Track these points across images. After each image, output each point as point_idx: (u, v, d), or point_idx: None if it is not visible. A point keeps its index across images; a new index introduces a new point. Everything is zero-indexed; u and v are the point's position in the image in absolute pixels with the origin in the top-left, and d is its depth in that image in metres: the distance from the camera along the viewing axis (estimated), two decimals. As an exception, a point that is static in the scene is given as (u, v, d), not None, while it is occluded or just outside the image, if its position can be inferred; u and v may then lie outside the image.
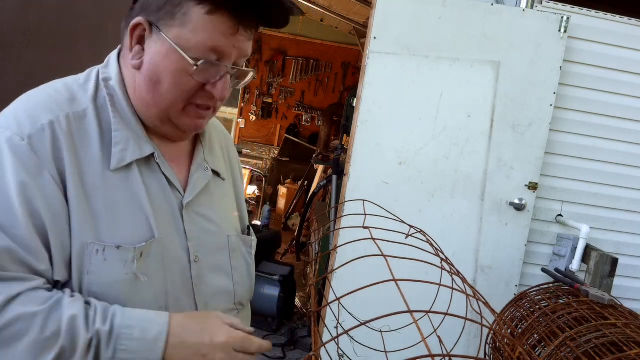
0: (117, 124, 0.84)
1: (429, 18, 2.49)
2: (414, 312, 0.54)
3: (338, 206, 2.99)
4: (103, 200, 0.80)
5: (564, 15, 2.52)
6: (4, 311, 0.69)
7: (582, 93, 2.67)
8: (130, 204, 0.82)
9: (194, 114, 0.86)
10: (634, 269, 2.82)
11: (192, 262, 0.88)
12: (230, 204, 1.03)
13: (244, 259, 1.00)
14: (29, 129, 0.77)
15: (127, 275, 0.78)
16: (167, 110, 0.85)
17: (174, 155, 0.93)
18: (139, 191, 0.83)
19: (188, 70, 0.81)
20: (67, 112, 0.81)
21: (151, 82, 0.83)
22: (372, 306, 1.04)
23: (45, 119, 0.78)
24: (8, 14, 1.66)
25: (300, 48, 7.53)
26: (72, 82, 0.87)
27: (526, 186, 2.59)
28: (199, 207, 0.92)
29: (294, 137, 7.57)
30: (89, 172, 0.80)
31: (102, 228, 0.79)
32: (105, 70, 0.89)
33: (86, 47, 1.92)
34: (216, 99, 0.86)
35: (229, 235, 0.97)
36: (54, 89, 0.84)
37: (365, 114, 2.53)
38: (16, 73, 1.71)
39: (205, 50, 0.81)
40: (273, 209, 6.50)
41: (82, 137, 0.81)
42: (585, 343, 1.53)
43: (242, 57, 0.86)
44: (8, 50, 1.68)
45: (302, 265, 4.77)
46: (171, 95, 0.83)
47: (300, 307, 3.99)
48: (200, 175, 0.94)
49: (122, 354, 0.72)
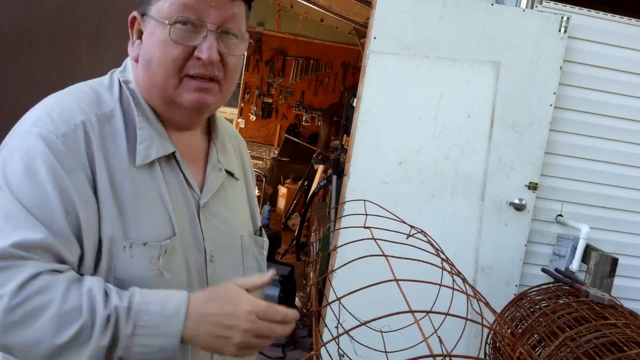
0: (141, 122, 0.86)
1: (429, 18, 2.49)
2: (415, 312, 0.54)
3: (338, 206, 2.99)
4: (130, 197, 0.81)
5: (564, 15, 2.52)
6: (30, 283, 0.69)
7: (582, 93, 2.66)
8: (154, 201, 0.84)
9: (192, 87, 0.85)
10: (634, 269, 2.82)
11: (207, 262, 0.90)
12: (242, 204, 1.05)
13: (255, 259, 1.01)
14: (64, 128, 0.78)
15: (152, 272, 0.80)
16: (164, 88, 0.85)
17: (191, 155, 0.94)
18: (162, 188, 0.85)
19: (169, 36, 0.82)
20: (97, 113, 0.83)
21: (146, 64, 0.86)
22: (372, 306, 1.03)
23: (78, 119, 0.80)
24: (8, 14, 1.66)
25: (300, 48, 7.53)
26: (98, 85, 0.89)
27: (526, 186, 2.59)
28: (214, 207, 0.93)
29: (294, 137, 7.57)
30: (117, 170, 0.82)
31: (129, 225, 0.80)
32: (124, 74, 0.91)
33: (86, 47, 1.92)
34: (206, 64, 0.84)
35: (242, 236, 0.98)
36: (81, 90, 0.87)
37: (365, 114, 2.53)
38: (16, 73, 1.71)
39: (179, 9, 0.82)
40: (273, 209, 6.50)
41: (111, 137, 0.83)
42: (585, 343, 1.53)
43: (226, 20, 0.85)
44: (8, 50, 1.68)
45: (302, 265, 4.76)
46: (162, 68, 0.84)
47: (300, 307, 3.98)
48: (215, 175, 0.95)
49: (143, 330, 0.71)
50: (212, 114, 1.01)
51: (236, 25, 0.87)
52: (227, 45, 0.86)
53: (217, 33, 0.84)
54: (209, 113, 0.94)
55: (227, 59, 0.87)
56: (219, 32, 0.85)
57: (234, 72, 0.89)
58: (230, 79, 0.89)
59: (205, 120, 1.00)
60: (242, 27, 0.89)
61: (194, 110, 0.88)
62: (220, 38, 0.85)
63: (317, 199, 4.96)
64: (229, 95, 0.94)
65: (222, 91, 0.89)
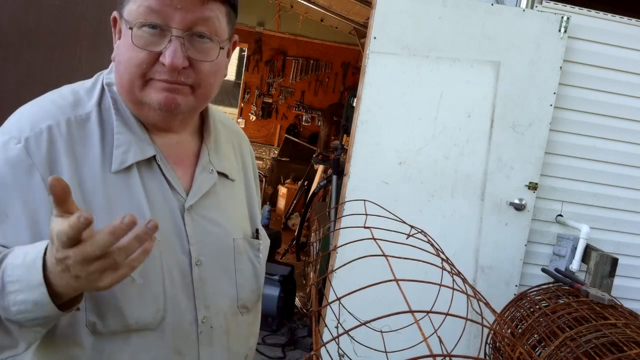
0: (119, 127, 0.85)
1: (429, 18, 2.49)
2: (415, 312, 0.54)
3: (338, 206, 2.99)
4: (102, 204, 0.80)
5: (564, 15, 2.52)
6: None
7: (582, 93, 2.66)
8: (128, 206, 0.82)
9: (158, 87, 0.82)
10: (634, 269, 2.82)
11: (193, 265, 0.88)
12: (238, 206, 1.02)
13: (250, 262, 0.98)
14: (28, 132, 0.79)
15: None
16: (130, 90, 0.83)
17: (179, 157, 0.92)
18: (139, 194, 0.83)
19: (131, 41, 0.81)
20: (69, 116, 0.82)
21: (116, 65, 0.85)
22: (372, 306, 1.04)
23: (45, 123, 0.80)
24: (8, 14, 1.66)
25: (300, 48, 7.53)
26: (80, 87, 0.89)
27: (526, 186, 2.59)
28: (204, 209, 0.91)
29: (294, 137, 7.57)
30: (89, 175, 0.80)
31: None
32: (109, 76, 0.90)
33: (86, 48, 1.92)
34: (169, 69, 0.80)
35: (234, 238, 0.96)
36: (59, 94, 0.86)
37: (365, 114, 2.53)
38: (16, 73, 1.71)
39: (144, 13, 0.79)
40: (273, 209, 6.50)
41: (82, 141, 0.82)
42: (585, 343, 1.53)
43: (195, 23, 0.81)
44: (8, 50, 1.68)
45: (302, 265, 4.77)
46: (127, 72, 0.82)
47: (300, 307, 3.99)
48: (204, 177, 0.93)
49: (11, 286, 0.68)
50: (206, 113, 0.98)
51: (210, 28, 0.82)
52: (199, 49, 0.82)
53: (185, 37, 0.80)
54: (184, 115, 0.88)
55: (199, 64, 0.83)
56: (187, 36, 0.81)
57: (210, 78, 0.85)
58: (204, 85, 0.85)
59: (198, 120, 0.97)
60: (220, 30, 0.84)
61: (163, 111, 0.84)
62: (190, 42, 0.81)
63: (317, 199, 4.96)
64: (208, 100, 0.90)
65: (195, 94, 0.85)
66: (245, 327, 1.00)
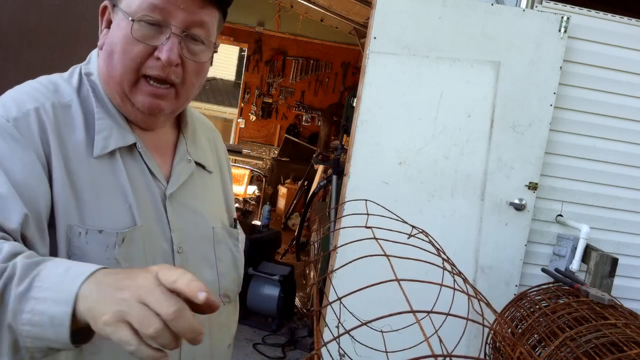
0: (100, 113, 0.86)
1: (429, 18, 2.49)
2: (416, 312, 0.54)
3: (338, 206, 2.99)
4: (87, 186, 0.81)
5: (564, 15, 2.52)
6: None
7: (582, 93, 2.67)
8: (113, 192, 0.83)
9: (146, 90, 0.85)
10: (634, 269, 2.82)
11: (175, 253, 0.89)
12: (216, 197, 1.04)
13: (229, 250, 1.00)
14: (15, 112, 0.79)
15: (107, 260, 0.78)
16: (120, 82, 0.85)
17: (158, 146, 0.93)
18: (122, 180, 0.84)
19: (131, 33, 0.82)
20: (53, 101, 0.83)
21: (107, 54, 0.85)
22: (372, 306, 1.04)
23: (31, 105, 0.81)
24: (8, 14, 1.66)
25: (300, 48, 7.53)
26: (56, 77, 0.89)
27: (526, 186, 2.59)
28: (183, 198, 0.92)
29: (294, 137, 7.58)
30: (74, 159, 0.81)
31: (86, 212, 0.79)
32: (87, 67, 0.91)
33: (86, 48, 1.92)
34: (164, 65, 0.82)
35: (213, 227, 0.97)
36: (38, 82, 0.87)
37: (365, 114, 2.53)
38: (16, 73, 1.71)
39: (147, 8, 0.81)
40: (273, 209, 6.50)
41: (67, 125, 0.83)
42: (585, 343, 1.53)
43: (193, 24, 0.84)
44: (8, 50, 1.68)
45: (302, 265, 4.77)
46: (121, 64, 0.83)
47: (300, 307, 3.99)
48: (183, 166, 0.94)
49: (36, 292, 0.62)
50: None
51: (205, 32, 0.86)
52: (191, 50, 0.86)
53: (182, 36, 0.83)
54: (165, 117, 0.92)
55: (188, 64, 0.86)
56: (184, 35, 0.84)
57: (194, 78, 0.88)
58: (188, 85, 0.87)
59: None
60: (212, 36, 0.88)
61: (147, 115, 0.87)
62: (185, 42, 0.84)
63: (317, 199, 4.97)
64: (188, 101, 0.93)
65: (178, 97, 0.88)
66: (227, 316, 1.01)
